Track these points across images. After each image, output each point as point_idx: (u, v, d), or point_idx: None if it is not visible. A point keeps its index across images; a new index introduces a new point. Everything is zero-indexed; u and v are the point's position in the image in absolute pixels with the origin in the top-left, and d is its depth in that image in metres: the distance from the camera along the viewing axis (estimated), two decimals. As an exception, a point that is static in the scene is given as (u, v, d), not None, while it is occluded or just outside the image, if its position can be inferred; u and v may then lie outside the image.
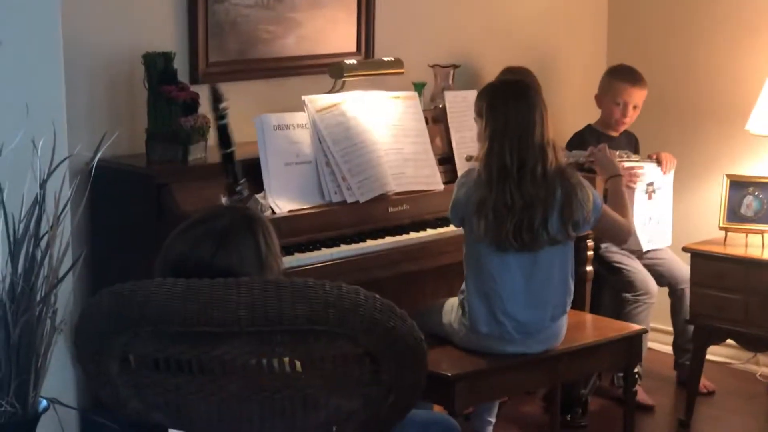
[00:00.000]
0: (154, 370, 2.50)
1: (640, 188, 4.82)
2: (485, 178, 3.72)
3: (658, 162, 4.92)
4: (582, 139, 4.96)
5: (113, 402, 2.58)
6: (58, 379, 3.19)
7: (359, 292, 2.41)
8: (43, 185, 2.93)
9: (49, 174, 2.92)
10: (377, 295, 2.44)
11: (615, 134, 5.11)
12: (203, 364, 2.47)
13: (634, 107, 5.08)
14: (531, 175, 3.69)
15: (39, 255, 2.92)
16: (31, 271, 2.88)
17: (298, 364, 2.48)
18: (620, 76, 5.12)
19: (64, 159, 3.06)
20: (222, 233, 2.55)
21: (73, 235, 3.33)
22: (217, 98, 3.59)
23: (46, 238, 2.93)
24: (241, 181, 3.57)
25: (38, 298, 2.90)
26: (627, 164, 4.71)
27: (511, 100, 3.76)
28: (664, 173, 4.91)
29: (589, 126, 5.16)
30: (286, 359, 2.47)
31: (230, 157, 3.57)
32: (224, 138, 3.57)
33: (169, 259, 2.55)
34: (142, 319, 2.41)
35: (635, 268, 4.91)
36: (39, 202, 2.96)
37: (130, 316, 2.42)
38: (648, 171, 4.87)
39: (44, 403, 3.07)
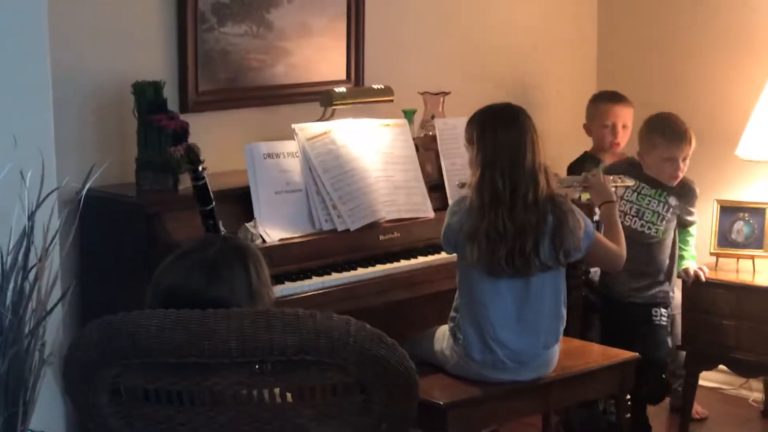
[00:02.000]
0: (144, 402, 2.49)
1: None
2: (477, 204, 3.72)
3: None
4: (582, 166, 4.94)
5: (103, 434, 2.57)
6: (47, 412, 3.16)
7: (350, 322, 2.40)
8: (31, 217, 2.91)
9: (38, 206, 2.90)
10: (367, 325, 2.43)
11: (610, 159, 5.09)
12: (194, 395, 2.46)
13: (623, 126, 5.11)
14: (523, 201, 3.69)
15: (27, 287, 2.90)
16: (20, 303, 2.85)
17: (288, 394, 2.47)
18: (603, 99, 5.20)
19: (53, 190, 3.04)
20: (212, 263, 2.54)
21: (62, 267, 3.31)
22: (193, 159, 3.57)
23: (34, 270, 2.91)
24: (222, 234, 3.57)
25: (26, 330, 2.88)
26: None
27: (502, 126, 3.77)
28: None
29: (585, 153, 5.16)
30: (277, 390, 2.46)
31: (211, 214, 3.56)
32: (203, 196, 3.56)
33: (159, 290, 2.54)
34: (133, 350, 2.40)
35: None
36: (27, 234, 2.94)
37: (120, 347, 2.41)
38: None
39: (32, 436, 3.06)
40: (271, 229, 3.94)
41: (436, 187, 4.48)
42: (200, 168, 3.55)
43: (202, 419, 2.48)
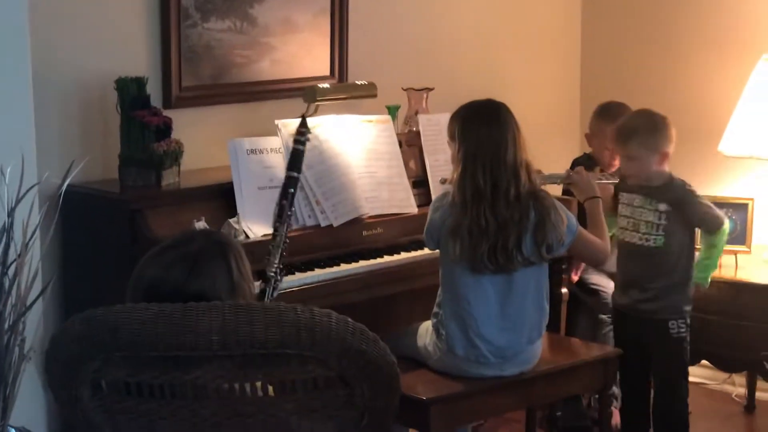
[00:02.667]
0: (126, 396, 2.48)
1: None
2: (459, 200, 3.73)
3: None
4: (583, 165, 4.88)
5: (85, 428, 2.56)
6: (28, 408, 3.14)
7: (331, 315, 2.40)
8: (11, 213, 2.90)
9: (17, 201, 2.89)
10: (349, 319, 2.43)
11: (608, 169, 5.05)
12: (175, 389, 2.45)
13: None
14: (504, 196, 3.70)
15: (7, 283, 2.88)
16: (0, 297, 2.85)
17: (270, 388, 2.47)
18: (609, 119, 4.82)
19: (32, 186, 3.02)
20: (194, 257, 2.54)
21: (43, 262, 3.30)
22: (303, 123, 3.71)
23: (14, 266, 2.89)
24: (291, 210, 3.61)
25: (6, 326, 2.87)
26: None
27: (483, 122, 3.77)
28: None
29: (584, 154, 5.11)
30: (259, 383, 2.46)
31: (294, 183, 3.62)
32: (296, 163, 3.65)
33: (140, 284, 2.54)
34: (114, 344, 2.39)
35: (611, 289, 4.90)
36: (6, 230, 2.92)
37: (101, 341, 2.41)
38: None
39: (13, 432, 3.05)
40: (255, 225, 3.94)
41: (419, 183, 4.48)
42: (305, 133, 3.68)
43: (184, 413, 2.48)
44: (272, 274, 3.43)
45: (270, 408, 2.48)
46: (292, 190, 3.59)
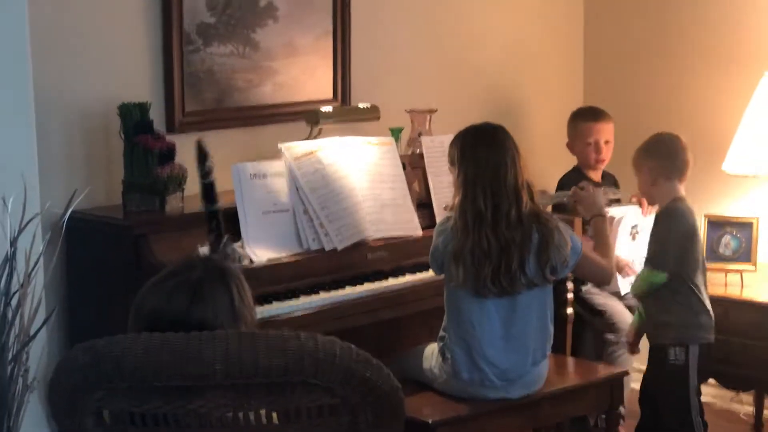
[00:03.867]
0: (130, 425, 2.47)
1: (624, 231, 4.83)
2: (461, 225, 3.72)
3: (639, 203, 4.95)
4: (571, 180, 4.94)
5: (89, 458, 2.56)
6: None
7: (335, 342, 2.39)
8: (13, 243, 2.89)
9: (20, 231, 2.88)
10: (353, 346, 2.42)
11: (596, 177, 5.11)
12: (179, 418, 2.45)
13: (606, 142, 5.10)
14: (506, 218, 3.69)
15: (10, 313, 2.87)
16: (2, 329, 2.83)
17: (274, 416, 2.47)
18: (583, 117, 5.18)
19: (34, 216, 3.01)
20: (195, 285, 2.53)
21: (46, 291, 3.29)
22: (202, 156, 3.56)
23: (17, 296, 2.89)
24: (225, 239, 3.55)
25: (10, 356, 2.85)
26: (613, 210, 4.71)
27: (482, 145, 3.77)
28: (644, 215, 4.93)
29: (575, 167, 5.17)
30: (263, 411, 2.45)
31: (215, 215, 3.55)
32: (209, 195, 3.55)
33: (141, 313, 2.53)
34: (118, 374, 2.39)
35: (617, 309, 4.89)
36: (9, 260, 2.91)
37: (105, 371, 2.40)
38: (630, 213, 4.89)
39: (17, 462, 3.03)
40: (259, 250, 3.94)
41: (423, 205, 4.48)
42: (207, 165, 3.53)
43: (188, 442, 2.48)
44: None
45: (274, 436, 2.48)
46: (217, 222, 3.54)
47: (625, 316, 4.89)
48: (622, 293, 4.92)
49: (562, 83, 5.78)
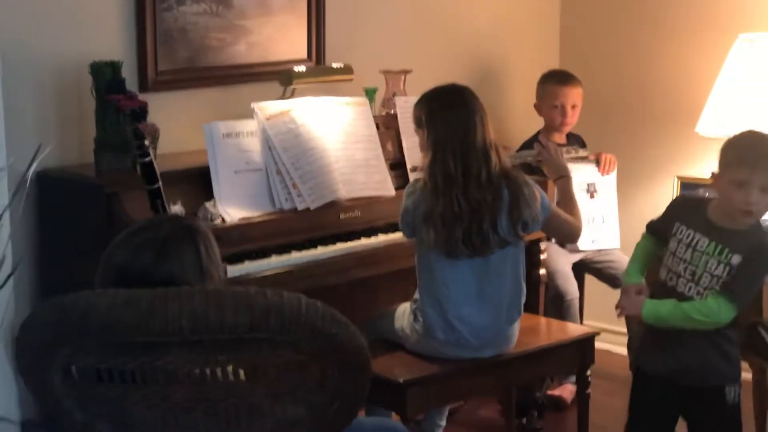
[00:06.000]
0: (97, 382, 2.49)
1: (579, 187, 4.86)
2: (431, 187, 3.72)
3: (597, 162, 4.97)
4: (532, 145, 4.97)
5: (57, 414, 2.57)
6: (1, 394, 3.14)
7: (301, 299, 2.40)
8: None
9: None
10: (319, 303, 2.43)
11: (561, 139, 5.13)
12: (146, 374, 2.46)
13: (573, 107, 5.12)
14: (476, 180, 3.69)
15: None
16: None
17: (241, 372, 2.48)
18: (552, 80, 5.20)
19: None
20: (162, 242, 2.54)
21: (14, 247, 3.28)
22: (138, 136, 3.56)
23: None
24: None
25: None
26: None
27: (450, 106, 3.76)
28: (602, 174, 4.95)
29: (538, 132, 5.18)
30: (230, 368, 2.47)
31: (158, 193, 3.55)
32: (149, 175, 3.55)
33: (109, 268, 2.55)
34: (83, 330, 2.39)
35: (553, 269, 4.89)
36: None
37: (71, 327, 2.40)
38: (586, 171, 4.92)
39: (-21, 418, 3.03)
40: (231, 209, 3.94)
41: (396, 166, 4.48)
42: (145, 144, 3.53)
43: (155, 398, 2.49)
44: None
45: (241, 392, 2.49)
46: (160, 201, 3.55)
47: (562, 276, 4.91)
48: (587, 249, 4.96)
49: (538, 46, 5.78)
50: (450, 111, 3.75)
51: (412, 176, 4.19)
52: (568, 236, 4.17)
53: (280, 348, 2.43)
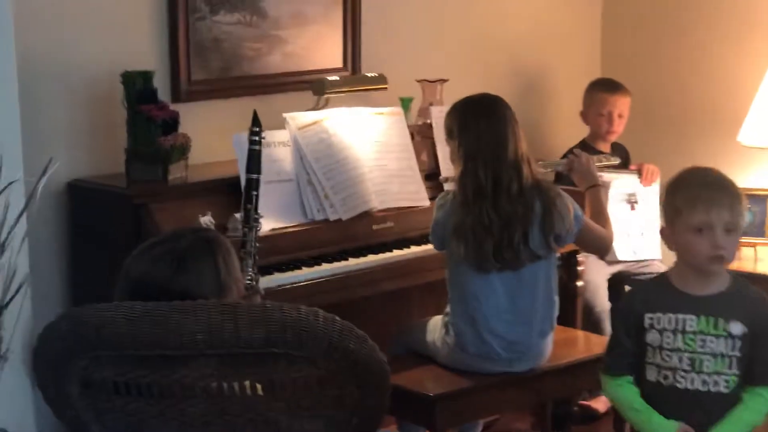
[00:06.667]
0: (114, 394, 2.48)
1: (619, 198, 4.80)
2: (461, 199, 3.67)
3: (639, 173, 4.91)
4: None
5: (74, 427, 2.56)
6: (10, 408, 3.12)
7: (318, 314, 2.38)
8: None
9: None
10: (337, 317, 2.41)
11: (606, 148, 5.08)
12: (163, 388, 2.45)
13: (620, 116, 5.08)
14: (506, 192, 3.64)
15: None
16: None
17: (259, 387, 2.45)
18: (600, 88, 5.17)
19: (9, 184, 2.93)
20: (181, 255, 2.53)
21: (31, 257, 3.27)
22: (256, 122, 3.58)
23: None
24: (257, 214, 3.53)
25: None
26: (606, 176, 4.69)
27: (482, 117, 3.71)
28: (644, 185, 4.88)
29: (583, 141, 5.13)
30: (247, 382, 2.44)
31: (256, 185, 3.54)
32: (254, 164, 3.55)
33: (127, 280, 2.54)
34: (100, 342, 2.39)
35: (585, 280, 4.81)
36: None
37: (87, 339, 2.40)
38: (627, 182, 4.87)
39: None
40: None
41: (432, 176, 4.43)
42: (261, 133, 3.55)
43: (172, 412, 2.47)
44: (248, 281, 3.36)
45: (259, 407, 2.47)
46: (256, 193, 3.53)
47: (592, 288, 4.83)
48: (627, 260, 4.89)
49: (579, 55, 5.72)
50: (481, 121, 3.70)
51: (445, 187, 4.14)
52: (599, 249, 4.08)
53: (297, 363, 2.41)
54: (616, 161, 4.65)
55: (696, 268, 2.99)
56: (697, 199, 2.95)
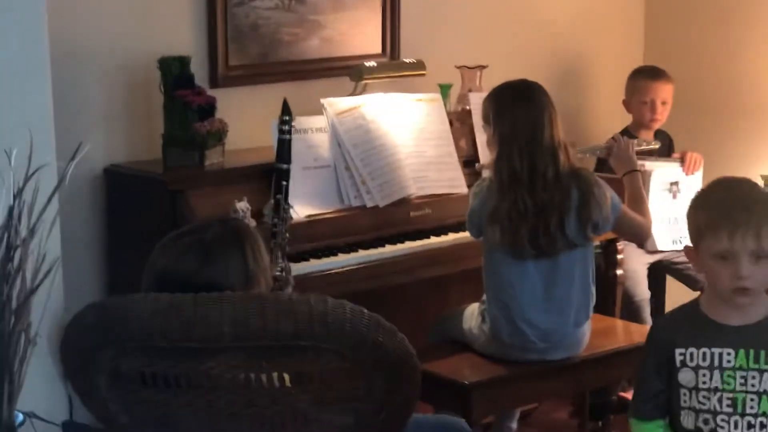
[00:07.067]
0: (143, 385, 2.46)
1: (662, 187, 4.74)
2: (496, 185, 3.65)
3: (682, 161, 4.85)
4: None
5: (102, 417, 2.55)
6: (39, 393, 3.12)
7: (345, 306, 2.35)
8: (17, 195, 2.83)
9: (25, 182, 2.83)
10: (365, 309, 2.38)
11: (649, 136, 5.02)
12: (191, 379, 2.43)
13: (663, 103, 5.01)
14: (543, 179, 3.61)
15: (14, 265, 2.81)
16: (4, 281, 2.79)
17: (287, 378, 2.44)
18: (643, 75, 5.10)
19: (37, 169, 2.87)
20: (208, 245, 2.51)
21: (63, 243, 3.27)
22: (285, 112, 3.59)
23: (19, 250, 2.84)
24: (287, 204, 3.53)
25: (7, 311, 2.81)
26: (648, 164, 4.63)
27: (519, 103, 3.68)
28: (687, 173, 4.82)
29: (626, 129, 5.07)
30: (275, 374, 2.42)
31: (286, 175, 3.53)
32: (284, 153, 3.56)
33: (154, 270, 2.52)
34: (126, 333, 2.38)
35: (624, 268, 4.75)
36: (17, 215, 2.84)
37: (114, 330, 2.39)
38: (670, 170, 4.81)
39: (20, 417, 3.01)
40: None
41: (470, 163, 4.39)
42: (292, 122, 3.56)
43: (200, 403, 2.46)
44: (278, 272, 3.34)
45: (287, 399, 2.45)
46: (285, 183, 3.51)
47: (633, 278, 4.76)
48: (667, 249, 4.83)
49: (621, 42, 5.65)
50: (518, 107, 3.67)
51: (483, 174, 4.11)
52: (636, 236, 4.03)
53: (325, 355, 2.38)
54: (657, 145, 4.59)
55: (722, 298, 2.64)
56: (719, 223, 2.58)
